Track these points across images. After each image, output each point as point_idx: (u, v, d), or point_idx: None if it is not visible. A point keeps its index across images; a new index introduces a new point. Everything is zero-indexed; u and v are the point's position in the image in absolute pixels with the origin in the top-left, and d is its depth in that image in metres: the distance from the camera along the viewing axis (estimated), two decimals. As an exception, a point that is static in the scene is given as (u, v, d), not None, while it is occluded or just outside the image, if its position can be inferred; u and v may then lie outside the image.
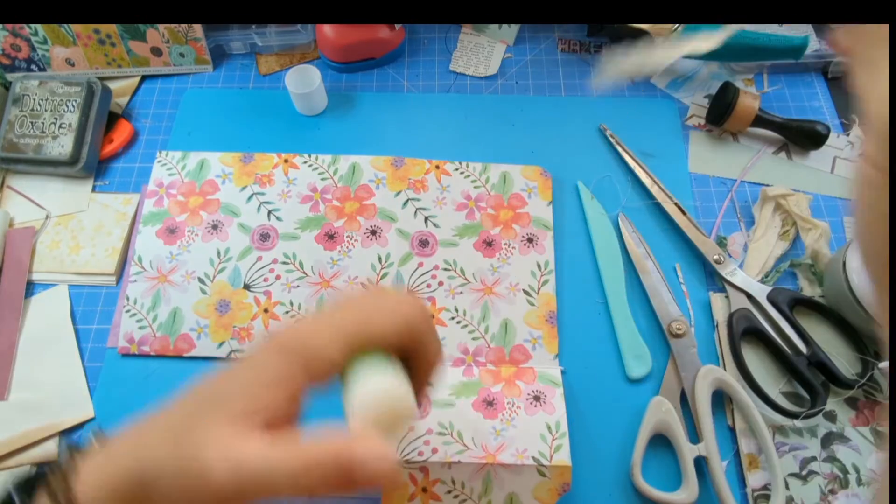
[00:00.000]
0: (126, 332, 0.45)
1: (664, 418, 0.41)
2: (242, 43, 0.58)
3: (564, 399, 0.42)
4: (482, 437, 0.41)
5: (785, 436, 0.42)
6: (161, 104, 0.56)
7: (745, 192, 0.51)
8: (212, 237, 0.48)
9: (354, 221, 0.48)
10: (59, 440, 0.42)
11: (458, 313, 0.45)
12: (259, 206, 0.49)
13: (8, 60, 0.55)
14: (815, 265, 0.46)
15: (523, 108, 0.54)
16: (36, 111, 0.51)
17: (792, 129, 0.51)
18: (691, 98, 0.56)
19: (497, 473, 0.40)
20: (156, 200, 0.50)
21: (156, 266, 0.47)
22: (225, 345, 0.44)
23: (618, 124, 0.53)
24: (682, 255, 0.48)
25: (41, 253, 0.48)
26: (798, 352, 0.43)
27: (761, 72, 0.57)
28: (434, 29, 0.60)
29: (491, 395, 0.42)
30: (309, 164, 0.51)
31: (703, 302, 0.46)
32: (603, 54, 0.58)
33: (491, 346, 0.44)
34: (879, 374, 0.43)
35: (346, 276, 0.47)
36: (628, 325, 0.45)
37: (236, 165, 0.51)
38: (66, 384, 0.44)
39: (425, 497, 0.39)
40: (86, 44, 0.55)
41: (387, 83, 0.57)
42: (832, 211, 0.50)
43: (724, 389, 0.42)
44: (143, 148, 0.54)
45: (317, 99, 0.53)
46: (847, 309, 0.43)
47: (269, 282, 0.46)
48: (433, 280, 0.46)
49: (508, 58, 0.58)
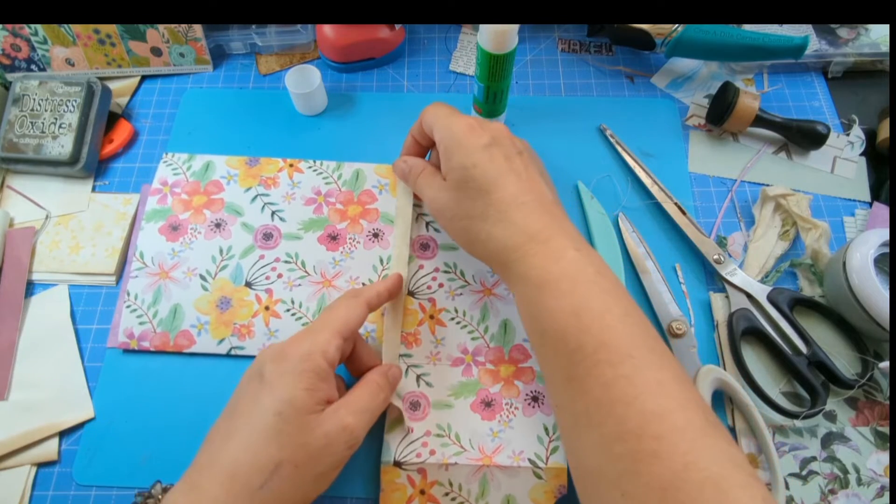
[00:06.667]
0: (126, 328, 0.45)
1: (664, 418, 0.41)
2: (242, 43, 0.58)
3: (564, 399, 0.42)
4: (479, 439, 0.41)
5: (785, 436, 0.42)
6: (161, 104, 0.56)
7: (745, 192, 0.51)
8: (214, 235, 0.48)
9: (357, 224, 0.49)
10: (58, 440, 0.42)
11: (457, 314, 0.45)
12: (263, 207, 0.49)
13: (8, 60, 0.55)
14: (816, 265, 0.46)
15: (523, 108, 0.54)
16: (36, 111, 0.51)
17: (792, 129, 0.51)
18: (691, 98, 0.56)
19: (494, 475, 0.40)
20: (159, 198, 0.50)
21: (157, 262, 0.47)
22: (225, 341, 0.44)
23: (618, 124, 0.53)
24: (682, 254, 0.48)
25: (41, 253, 0.48)
26: (798, 352, 0.43)
27: (761, 72, 0.57)
28: (434, 29, 0.60)
29: (490, 396, 0.42)
30: (314, 169, 0.51)
31: (703, 302, 0.46)
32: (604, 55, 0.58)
33: (490, 346, 0.44)
34: (879, 374, 0.43)
35: (347, 277, 0.47)
36: (628, 325, 0.45)
37: (241, 168, 0.51)
38: (66, 384, 0.44)
39: (423, 499, 0.39)
40: (86, 44, 0.55)
41: (387, 83, 0.57)
42: (832, 211, 0.50)
43: (724, 389, 0.42)
44: (143, 148, 0.54)
45: (317, 99, 0.53)
46: (847, 309, 0.43)
47: (270, 280, 0.46)
48: (433, 282, 0.46)
49: (508, 58, 0.58)
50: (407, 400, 0.42)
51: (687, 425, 0.29)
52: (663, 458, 0.28)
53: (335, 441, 0.33)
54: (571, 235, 0.36)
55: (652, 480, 0.28)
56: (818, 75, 0.57)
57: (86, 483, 0.41)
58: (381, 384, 0.38)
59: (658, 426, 0.29)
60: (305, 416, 0.33)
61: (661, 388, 0.30)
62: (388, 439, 0.41)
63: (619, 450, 0.30)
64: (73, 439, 0.42)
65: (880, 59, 0.56)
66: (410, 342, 0.44)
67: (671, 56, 0.55)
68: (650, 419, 0.29)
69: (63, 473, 0.41)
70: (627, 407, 0.30)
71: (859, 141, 0.53)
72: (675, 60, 0.58)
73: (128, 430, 0.42)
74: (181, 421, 0.42)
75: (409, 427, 0.41)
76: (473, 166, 0.38)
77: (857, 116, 0.54)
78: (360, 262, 0.47)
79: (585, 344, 0.32)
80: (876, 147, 0.52)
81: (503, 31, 0.43)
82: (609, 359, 0.31)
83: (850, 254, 0.42)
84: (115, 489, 0.41)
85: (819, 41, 0.56)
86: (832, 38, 0.56)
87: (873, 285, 0.41)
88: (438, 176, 0.41)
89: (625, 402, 0.30)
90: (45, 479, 0.41)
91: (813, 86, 0.56)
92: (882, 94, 0.56)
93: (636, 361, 0.31)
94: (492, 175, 0.37)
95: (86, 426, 0.43)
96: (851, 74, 0.57)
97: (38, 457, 0.42)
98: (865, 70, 0.57)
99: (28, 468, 0.41)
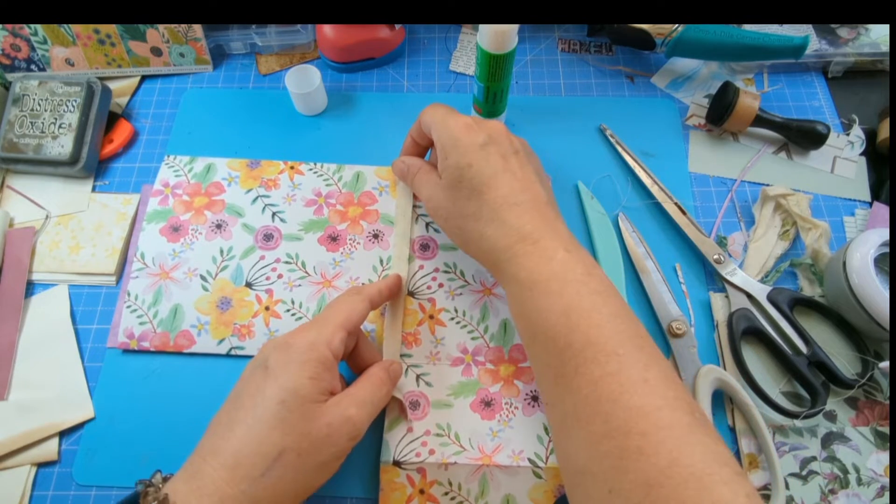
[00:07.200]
0: (126, 328, 0.45)
1: (664, 418, 0.41)
2: (242, 43, 0.58)
3: (564, 399, 0.42)
4: (479, 439, 0.41)
5: (785, 436, 0.42)
6: (161, 104, 0.56)
7: (745, 192, 0.51)
8: (215, 236, 0.48)
9: (357, 225, 0.49)
10: (58, 440, 0.42)
11: (457, 314, 0.45)
12: (264, 208, 0.49)
13: (8, 60, 0.55)
14: (816, 265, 0.46)
15: (523, 108, 0.54)
16: (36, 111, 0.51)
17: (792, 129, 0.51)
18: (691, 98, 0.56)
19: (493, 475, 0.40)
20: (160, 199, 0.50)
21: (158, 263, 0.47)
22: (225, 341, 0.44)
23: (618, 124, 0.53)
24: (682, 254, 0.48)
25: (41, 253, 0.48)
26: (798, 352, 0.43)
27: (761, 72, 0.57)
28: (434, 29, 0.60)
29: (489, 396, 0.42)
30: (314, 171, 0.51)
31: (703, 302, 0.46)
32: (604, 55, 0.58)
33: (490, 346, 0.44)
34: (879, 374, 0.43)
35: (347, 277, 0.47)
36: (628, 325, 0.45)
37: (243, 170, 0.51)
38: (66, 384, 0.44)
39: (422, 499, 0.39)
40: (86, 44, 0.55)
41: (387, 83, 0.57)
42: (832, 211, 0.50)
43: (724, 389, 0.42)
44: (143, 148, 0.54)
45: (317, 99, 0.53)
46: (847, 309, 0.43)
47: (271, 280, 0.46)
48: (433, 282, 0.46)
49: (508, 58, 0.58)
50: (406, 399, 0.42)
51: (673, 423, 0.29)
52: (649, 454, 0.28)
53: (337, 431, 0.33)
54: (562, 236, 0.37)
55: (637, 477, 0.28)
56: (818, 75, 0.57)
57: (86, 483, 0.41)
58: (383, 378, 0.38)
59: (644, 423, 0.29)
60: (309, 405, 0.33)
61: (648, 386, 0.31)
62: (388, 438, 0.41)
63: (605, 447, 0.30)
64: (73, 439, 0.42)
65: (880, 59, 0.56)
66: (410, 342, 0.44)
67: (671, 56, 0.55)
68: (636, 416, 0.30)
69: (63, 473, 0.41)
70: (614, 404, 0.30)
71: (859, 141, 0.53)
72: (675, 60, 0.58)
73: (128, 429, 0.42)
74: (181, 421, 0.42)
75: (409, 427, 0.41)
76: (469, 166, 0.38)
77: (857, 116, 0.54)
78: (360, 263, 0.47)
79: (574, 343, 0.32)
80: (876, 147, 0.52)
81: (503, 31, 0.43)
82: (596, 357, 0.32)
83: (850, 254, 0.42)
84: (115, 489, 0.41)
85: (819, 41, 0.56)
86: (832, 38, 0.56)
87: (873, 285, 0.41)
88: (435, 175, 0.42)
89: (611, 399, 0.30)
90: (45, 479, 0.41)
91: (813, 86, 0.56)
92: (882, 94, 0.56)
93: (623, 359, 0.31)
94: (487, 175, 0.38)
95: (86, 426, 0.43)
96: (851, 74, 0.57)
97: (38, 457, 0.42)
98: (865, 70, 0.57)
99: (28, 468, 0.41)
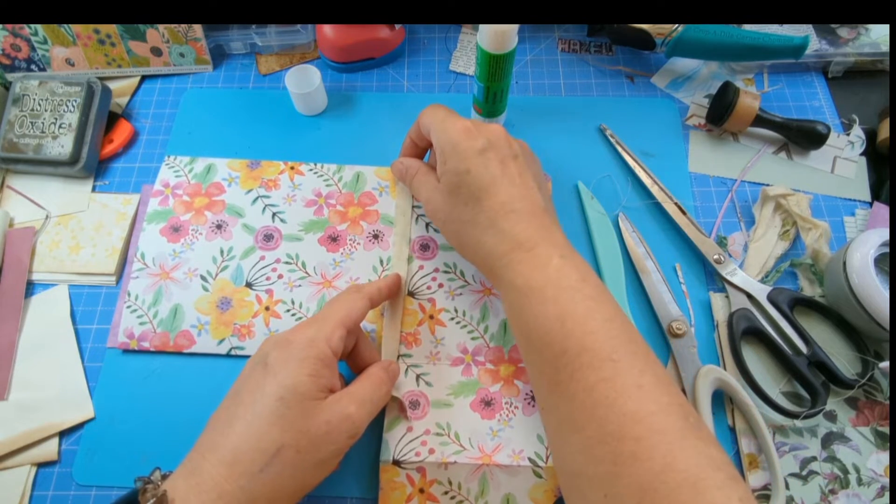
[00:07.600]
0: (126, 328, 0.45)
1: (664, 418, 0.41)
2: (242, 43, 0.58)
3: (564, 399, 0.42)
4: (479, 438, 0.41)
5: (785, 436, 0.42)
6: (161, 104, 0.56)
7: (745, 192, 0.51)
8: (215, 236, 0.48)
9: (357, 226, 0.49)
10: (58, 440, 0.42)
11: (457, 314, 0.45)
12: (264, 208, 0.49)
13: (8, 60, 0.55)
14: (816, 265, 0.46)
15: (523, 108, 0.54)
16: (36, 111, 0.51)
17: (792, 129, 0.51)
18: (691, 98, 0.56)
19: (493, 474, 0.40)
20: (161, 200, 0.50)
21: (158, 263, 0.47)
22: (225, 341, 0.44)
23: (618, 124, 0.53)
24: (682, 254, 0.48)
25: (41, 253, 0.48)
26: (798, 352, 0.43)
27: (761, 72, 0.57)
28: (434, 29, 0.60)
29: (489, 396, 0.42)
30: (314, 172, 0.51)
31: (703, 302, 0.46)
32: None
33: (490, 346, 0.44)
34: (879, 374, 0.43)
35: (347, 277, 0.47)
36: (628, 325, 0.45)
37: (243, 171, 0.51)
38: (66, 384, 0.44)
39: (422, 498, 0.39)
40: (86, 44, 0.55)
41: (387, 83, 0.57)
42: (832, 211, 0.50)
43: (724, 389, 0.42)
44: (143, 148, 0.54)
45: (317, 99, 0.53)
46: (847, 309, 0.43)
47: (271, 280, 0.46)
48: (433, 282, 0.46)
49: (508, 58, 0.58)
50: (406, 399, 0.42)
51: (667, 427, 0.29)
52: (643, 459, 0.29)
53: (336, 429, 0.33)
54: (558, 243, 0.37)
55: (632, 482, 0.28)
56: (818, 75, 0.57)
57: (86, 483, 0.41)
58: (383, 378, 0.38)
59: (638, 428, 0.29)
60: (308, 401, 0.33)
61: (642, 392, 0.31)
62: (388, 438, 0.41)
63: (600, 452, 0.30)
64: (73, 439, 0.42)
65: (880, 59, 0.56)
66: (410, 342, 0.44)
67: (671, 56, 0.55)
68: (630, 421, 0.30)
69: (63, 473, 0.41)
70: (608, 409, 0.30)
71: (859, 141, 0.53)
72: (675, 60, 0.58)
73: (127, 429, 0.42)
74: (181, 421, 0.42)
75: (409, 426, 0.41)
76: (467, 172, 0.38)
77: (857, 116, 0.54)
78: (360, 263, 0.47)
79: (569, 349, 0.33)
80: (876, 147, 0.52)
81: (503, 31, 0.43)
82: (591, 362, 0.32)
83: (850, 254, 0.42)
84: (115, 489, 0.41)
85: (819, 41, 0.56)
86: (832, 38, 0.56)
87: (873, 285, 0.41)
88: (434, 177, 0.42)
89: (605, 404, 0.31)
90: (45, 479, 0.41)
91: (813, 86, 0.56)
92: (882, 94, 0.56)
93: (618, 365, 0.31)
94: (485, 181, 0.38)
95: (86, 426, 0.43)
96: (851, 74, 0.57)
97: (38, 457, 0.42)
98: (865, 70, 0.57)
99: (28, 468, 0.41)
